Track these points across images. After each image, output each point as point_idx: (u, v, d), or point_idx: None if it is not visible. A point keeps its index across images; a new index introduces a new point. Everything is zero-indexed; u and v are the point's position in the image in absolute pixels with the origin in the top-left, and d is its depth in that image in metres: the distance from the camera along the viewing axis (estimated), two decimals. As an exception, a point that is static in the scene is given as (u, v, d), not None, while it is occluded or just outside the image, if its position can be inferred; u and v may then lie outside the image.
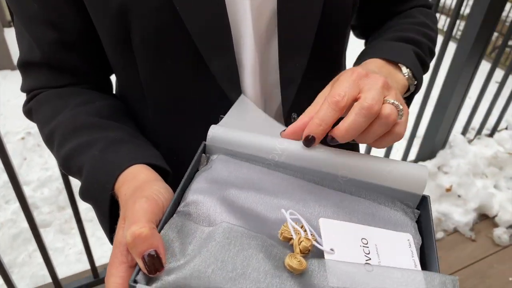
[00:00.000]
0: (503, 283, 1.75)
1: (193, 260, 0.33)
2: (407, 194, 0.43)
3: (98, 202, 0.46)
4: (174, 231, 0.36)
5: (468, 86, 1.99)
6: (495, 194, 2.06)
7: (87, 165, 0.48)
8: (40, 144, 2.76)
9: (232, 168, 0.43)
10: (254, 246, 0.34)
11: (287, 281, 0.32)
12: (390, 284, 0.33)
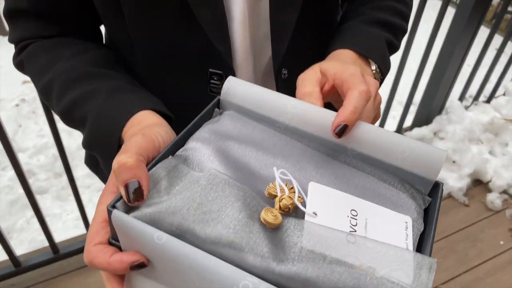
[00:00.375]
0: (494, 247, 1.78)
1: (173, 198, 0.33)
2: (418, 178, 0.40)
3: (106, 149, 0.46)
4: (165, 170, 0.36)
5: (466, 52, 1.96)
6: (489, 160, 2.07)
7: (91, 114, 0.48)
8: (35, 111, 2.75)
9: (239, 124, 0.43)
10: (234, 194, 0.34)
11: (257, 233, 0.32)
12: (372, 257, 0.31)
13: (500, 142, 2.18)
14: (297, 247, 0.32)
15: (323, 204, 0.36)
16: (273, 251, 0.31)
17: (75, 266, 1.53)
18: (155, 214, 0.32)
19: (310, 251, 0.32)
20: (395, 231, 0.36)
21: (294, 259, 0.31)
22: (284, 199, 0.34)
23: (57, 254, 1.46)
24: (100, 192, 2.13)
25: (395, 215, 0.37)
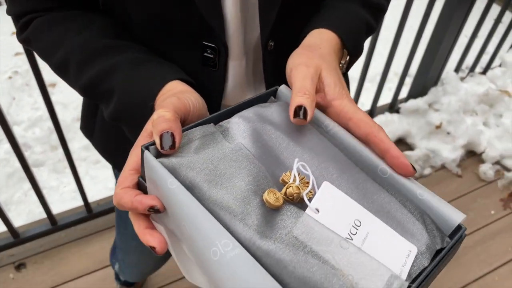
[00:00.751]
0: (485, 217, 1.82)
1: (196, 156, 0.37)
2: (441, 216, 0.40)
3: (137, 119, 0.48)
4: (202, 133, 0.40)
5: (463, 23, 1.94)
6: (483, 131, 2.08)
7: (119, 87, 0.49)
8: (28, 83, 2.72)
9: (284, 114, 0.44)
10: (248, 169, 0.36)
11: (254, 207, 0.34)
12: (352, 264, 0.32)
13: (494, 113, 2.19)
14: (285, 230, 0.34)
15: (329, 204, 0.37)
16: (262, 226, 0.33)
17: (73, 237, 1.56)
18: (176, 165, 0.36)
19: (295, 237, 0.33)
20: (394, 255, 0.36)
21: (277, 239, 0.33)
22: (292, 188, 0.36)
23: (55, 226, 1.48)
24: (96, 164, 2.15)
25: (401, 240, 0.37)
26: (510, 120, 2.11)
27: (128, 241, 0.94)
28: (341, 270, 0.31)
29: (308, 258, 0.32)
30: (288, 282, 0.31)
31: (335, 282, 0.31)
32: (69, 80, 0.54)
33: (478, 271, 1.63)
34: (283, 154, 0.41)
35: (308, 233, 0.33)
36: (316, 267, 0.31)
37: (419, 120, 2.08)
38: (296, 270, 0.31)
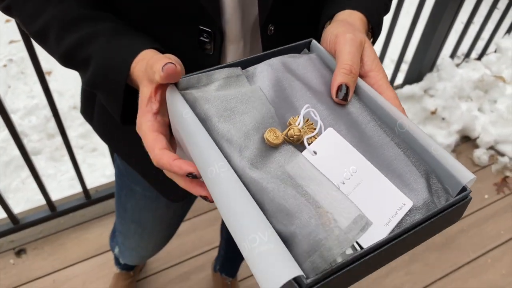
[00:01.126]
0: (479, 201, 1.84)
1: (214, 92, 0.41)
2: (449, 175, 0.39)
3: (113, 86, 0.49)
4: (227, 74, 0.43)
5: (458, 8, 1.95)
6: (478, 117, 2.10)
7: (96, 54, 0.50)
8: (24, 71, 2.71)
9: (310, 67, 0.46)
10: (259, 109, 0.39)
11: (253, 141, 0.37)
12: (332, 205, 0.33)
13: (489, 99, 2.21)
14: (277, 165, 0.37)
15: (328, 149, 0.39)
16: (256, 159, 0.37)
17: (72, 223, 1.57)
18: (195, 97, 0.40)
19: (285, 172, 0.36)
20: (385, 205, 0.37)
21: (266, 171, 0.36)
22: (293, 129, 0.38)
23: (54, 212, 1.49)
24: (93, 152, 2.15)
25: (396, 192, 0.37)
26: (505, 105, 2.13)
27: (127, 225, 0.95)
28: (324, 207, 0.33)
29: (288, 189, 0.34)
30: (267, 208, 0.34)
31: (305, 213, 0.33)
32: (49, 48, 0.55)
33: (472, 254, 1.66)
34: (298, 101, 0.43)
35: (298, 171, 0.36)
36: (292, 199, 0.34)
37: (415, 105, 2.10)
38: (275, 198, 0.34)
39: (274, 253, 0.31)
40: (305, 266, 0.32)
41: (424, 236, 0.38)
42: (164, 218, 0.90)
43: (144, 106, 0.44)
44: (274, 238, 0.32)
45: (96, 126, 0.77)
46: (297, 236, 0.32)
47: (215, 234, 1.58)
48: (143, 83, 0.44)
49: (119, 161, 0.83)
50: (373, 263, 0.34)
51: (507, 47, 2.40)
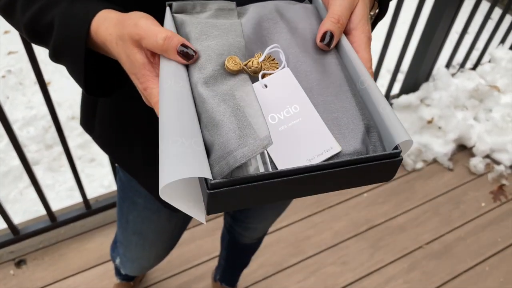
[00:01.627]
0: (476, 209, 1.86)
1: (202, 19, 0.45)
2: (388, 132, 0.41)
3: (73, 48, 0.49)
4: (219, 6, 0.47)
5: (453, 18, 1.98)
6: (474, 126, 2.12)
7: (57, 18, 0.50)
8: (22, 82, 2.72)
9: (301, 13, 0.49)
10: (229, 39, 0.43)
11: (213, 65, 0.41)
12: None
13: (484, 108, 2.23)
14: (227, 87, 0.40)
15: (279, 86, 0.43)
16: (210, 79, 0.41)
17: (72, 233, 1.57)
18: (183, 20, 0.45)
19: (232, 95, 0.40)
20: (314, 144, 0.40)
21: (214, 90, 0.40)
22: (252, 61, 0.42)
23: (55, 222, 1.49)
24: (92, 163, 2.15)
25: (328, 136, 0.41)
26: (500, 114, 2.16)
27: (129, 236, 0.96)
28: (246, 128, 0.37)
29: (224, 106, 0.39)
30: (203, 120, 0.39)
31: (227, 127, 0.37)
32: (16, 21, 0.55)
33: (470, 262, 1.67)
34: (272, 40, 0.46)
35: (242, 96, 0.40)
36: (223, 114, 0.38)
37: (411, 115, 2.12)
38: (210, 111, 0.39)
39: (189, 155, 0.35)
40: (215, 170, 0.36)
41: (344, 180, 0.40)
42: (166, 229, 0.91)
43: (148, 71, 0.44)
44: (196, 145, 0.36)
45: (97, 137, 0.77)
46: (215, 145, 0.37)
47: (215, 244, 1.59)
48: (129, 48, 0.44)
49: (121, 173, 0.83)
50: (283, 187, 0.37)
51: (501, 57, 2.43)
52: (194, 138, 0.37)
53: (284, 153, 0.39)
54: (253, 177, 0.36)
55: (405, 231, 1.75)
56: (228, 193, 0.36)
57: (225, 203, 0.37)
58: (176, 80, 0.40)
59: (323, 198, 1.83)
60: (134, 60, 0.44)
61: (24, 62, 2.89)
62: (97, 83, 0.54)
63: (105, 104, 0.71)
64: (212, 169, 0.36)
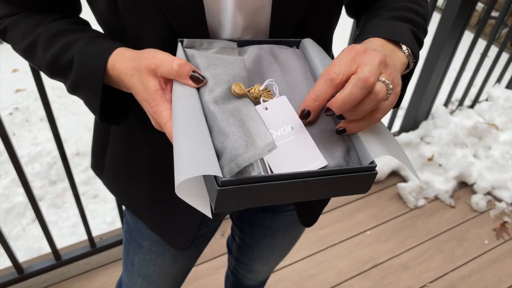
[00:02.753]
0: (480, 246, 1.86)
1: (210, 54, 0.52)
2: (365, 152, 0.48)
3: (91, 81, 0.54)
4: (223, 45, 0.54)
5: (451, 58, 2.04)
6: (474, 163, 2.15)
7: (76, 56, 0.55)
8: (28, 119, 2.76)
9: (291, 55, 0.56)
10: (235, 70, 0.50)
11: (222, 89, 0.48)
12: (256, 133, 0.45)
13: (483, 145, 2.27)
14: (234, 106, 0.47)
15: (277, 110, 0.50)
16: (219, 99, 0.47)
17: (76, 272, 1.57)
18: (193, 54, 0.51)
19: (238, 111, 0.46)
20: (305, 157, 0.47)
21: (223, 107, 0.46)
22: (254, 89, 0.49)
23: (59, 261, 1.49)
24: (95, 199, 2.16)
25: (316, 152, 0.48)
26: (499, 152, 2.18)
27: (134, 278, 0.96)
28: (252, 136, 0.44)
29: (232, 119, 0.45)
30: (214, 131, 0.45)
31: (236, 135, 0.44)
32: (37, 61, 0.60)
33: (475, 301, 1.66)
34: (268, 76, 0.54)
35: (246, 113, 0.46)
36: (231, 125, 0.44)
37: (412, 153, 2.15)
38: (220, 124, 0.45)
39: (202, 157, 0.41)
40: (225, 170, 0.42)
41: (329, 187, 0.47)
42: (170, 273, 0.92)
43: (159, 96, 0.49)
44: (207, 150, 0.42)
45: (106, 179, 0.80)
46: (226, 149, 0.43)
47: (219, 283, 1.58)
48: (144, 77, 0.49)
49: (128, 216, 0.86)
50: (279, 190, 0.44)
51: (498, 96, 2.49)
52: (206, 145, 0.43)
53: (281, 163, 0.46)
54: (257, 178, 0.42)
55: (409, 269, 1.74)
56: (236, 191, 0.42)
57: (231, 201, 0.43)
58: (188, 100, 0.47)
59: (326, 236, 1.83)
60: (148, 86, 0.49)
61: (31, 99, 2.95)
62: (110, 112, 0.59)
63: (113, 149, 0.75)
64: (223, 169, 0.42)
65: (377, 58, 0.46)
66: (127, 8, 0.52)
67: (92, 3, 0.58)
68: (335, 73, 0.45)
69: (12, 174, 2.38)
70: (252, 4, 0.54)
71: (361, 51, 0.47)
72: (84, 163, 2.49)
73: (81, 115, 2.87)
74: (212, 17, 0.54)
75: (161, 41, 0.55)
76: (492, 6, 2.12)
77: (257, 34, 0.58)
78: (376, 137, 0.49)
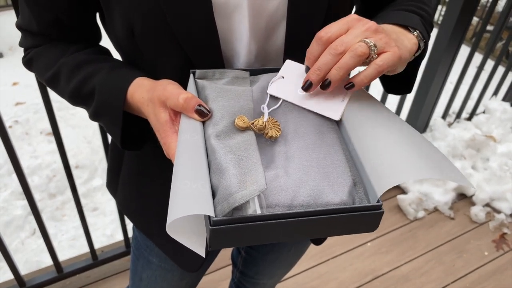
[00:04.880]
0: (480, 258, 1.87)
1: (220, 85, 0.53)
2: (372, 188, 0.45)
3: (112, 110, 0.56)
4: (235, 75, 0.55)
5: (448, 71, 2.07)
6: (472, 175, 2.17)
7: (98, 86, 0.57)
8: (28, 132, 2.76)
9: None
10: (241, 102, 0.51)
11: (225, 122, 0.48)
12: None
13: (481, 157, 2.29)
14: (235, 141, 0.47)
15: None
16: (222, 133, 0.47)
17: (78, 285, 1.56)
18: (204, 85, 0.52)
19: (238, 148, 0.46)
20: None
21: (223, 142, 0.47)
22: (258, 121, 0.49)
23: (61, 273, 1.48)
24: (94, 211, 2.15)
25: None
26: (497, 163, 2.20)
27: None
28: (247, 175, 0.43)
29: (230, 156, 0.45)
30: (212, 167, 0.45)
31: (231, 173, 0.43)
32: (60, 90, 0.62)
33: (477, 313, 1.66)
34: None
35: (247, 149, 0.46)
36: (229, 162, 0.44)
37: (411, 164, 2.16)
38: (218, 159, 0.45)
39: (197, 195, 0.40)
40: (218, 208, 0.42)
41: (331, 226, 0.44)
42: None
43: (169, 128, 0.50)
44: (202, 188, 0.42)
45: (119, 200, 0.82)
46: (220, 187, 0.43)
47: (220, 295, 1.58)
48: (156, 108, 0.51)
49: (137, 232, 0.86)
50: (275, 228, 0.42)
51: (495, 108, 2.52)
52: (201, 181, 0.42)
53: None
54: (250, 217, 0.41)
55: (410, 280, 1.75)
56: (228, 230, 0.41)
57: (225, 240, 0.42)
58: (191, 134, 0.47)
59: (327, 248, 1.84)
60: (159, 117, 0.51)
61: (30, 112, 2.95)
62: (130, 138, 0.61)
63: (126, 171, 0.76)
64: (215, 208, 0.42)
65: (365, 25, 0.48)
66: (144, 36, 0.53)
67: (110, 31, 0.60)
68: (324, 32, 0.47)
69: (11, 187, 2.37)
70: (265, 31, 0.55)
71: (356, 18, 0.48)
72: (84, 175, 2.49)
73: (80, 128, 2.88)
74: (226, 45, 0.55)
75: (177, 68, 0.56)
76: (487, 21, 2.16)
77: (269, 59, 0.59)
78: (390, 166, 0.45)
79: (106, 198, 2.38)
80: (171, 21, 0.51)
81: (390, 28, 0.55)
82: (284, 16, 0.54)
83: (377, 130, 0.49)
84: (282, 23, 0.55)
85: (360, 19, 0.48)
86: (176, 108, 0.49)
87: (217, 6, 0.52)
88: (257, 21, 0.54)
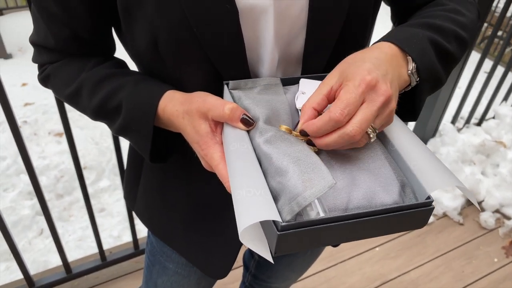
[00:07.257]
0: (489, 264, 1.85)
1: (255, 93, 0.54)
2: (419, 185, 0.46)
3: (142, 125, 0.55)
4: (266, 82, 0.55)
5: (458, 76, 2.06)
6: (482, 180, 2.15)
7: (125, 101, 0.56)
8: (36, 133, 2.78)
9: None
10: (280, 111, 0.53)
11: (271, 128, 0.49)
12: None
13: (491, 163, 2.27)
14: (286, 144, 0.47)
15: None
16: (271, 138, 0.47)
17: (87, 285, 1.56)
18: (240, 96, 0.53)
19: (292, 149, 0.46)
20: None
21: (276, 146, 0.46)
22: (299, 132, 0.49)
23: (70, 274, 1.48)
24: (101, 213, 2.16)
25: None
26: (507, 169, 2.19)
27: None
28: (308, 173, 0.43)
29: (286, 158, 0.45)
30: (269, 171, 0.45)
31: (292, 173, 0.43)
32: (81, 106, 0.61)
33: (486, 320, 1.64)
34: None
35: (301, 150, 0.46)
36: (287, 163, 0.44)
37: (420, 169, 2.15)
38: (275, 163, 0.45)
39: (261, 202, 0.41)
40: (285, 210, 0.42)
41: (387, 225, 0.46)
42: None
43: (210, 139, 0.50)
44: (265, 194, 0.42)
45: (139, 211, 0.81)
46: (285, 189, 0.43)
47: (229, 298, 1.57)
48: (195, 120, 0.50)
49: (152, 238, 0.86)
50: (338, 231, 0.43)
51: (505, 114, 2.50)
52: (263, 189, 0.43)
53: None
54: (317, 221, 0.41)
55: (418, 286, 1.73)
56: (295, 234, 0.41)
57: (290, 245, 0.42)
58: (241, 143, 0.47)
59: (335, 252, 1.83)
60: (199, 129, 0.50)
61: (39, 113, 2.96)
62: (157, 152, 0.60)
63: (146, 181, 0.76)
64: (281, 211, 0.42)
65: (380, 100, 0.45)
66: (168, 47, 0.52)
67: (127, 42, 0.58)
68: (342, 114, 0.44)
69: (19, 187, 2.38)
70: (288, 37, 0.55)
71: (372, 85, 0.45)
72: (91, 177, 2.49)
73: (88, 129, 2.89)
74: (251, 52, 0.55)
75: (200, 77, 0.55)
76: (498, 27, 2.15)
77: (290, 64, 0.58)
78: (430, 170, 0.47)
79: (113, 199, 2.38)
80: (197, 30, 0.50)
81: (388, 58, 0.51)
82: (305, 21, 0.54)
83: (411, 135, 0.51)
84: (303, 28, 0.55)
85: (374, 87, 0.46)
86: (220, 119, 0.49)
87: (243, 13, 0.51)
88: (281, 27, 0.53)
